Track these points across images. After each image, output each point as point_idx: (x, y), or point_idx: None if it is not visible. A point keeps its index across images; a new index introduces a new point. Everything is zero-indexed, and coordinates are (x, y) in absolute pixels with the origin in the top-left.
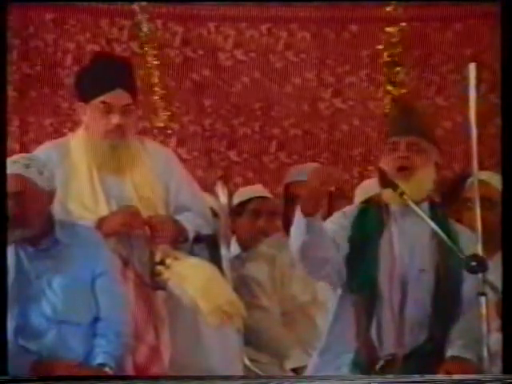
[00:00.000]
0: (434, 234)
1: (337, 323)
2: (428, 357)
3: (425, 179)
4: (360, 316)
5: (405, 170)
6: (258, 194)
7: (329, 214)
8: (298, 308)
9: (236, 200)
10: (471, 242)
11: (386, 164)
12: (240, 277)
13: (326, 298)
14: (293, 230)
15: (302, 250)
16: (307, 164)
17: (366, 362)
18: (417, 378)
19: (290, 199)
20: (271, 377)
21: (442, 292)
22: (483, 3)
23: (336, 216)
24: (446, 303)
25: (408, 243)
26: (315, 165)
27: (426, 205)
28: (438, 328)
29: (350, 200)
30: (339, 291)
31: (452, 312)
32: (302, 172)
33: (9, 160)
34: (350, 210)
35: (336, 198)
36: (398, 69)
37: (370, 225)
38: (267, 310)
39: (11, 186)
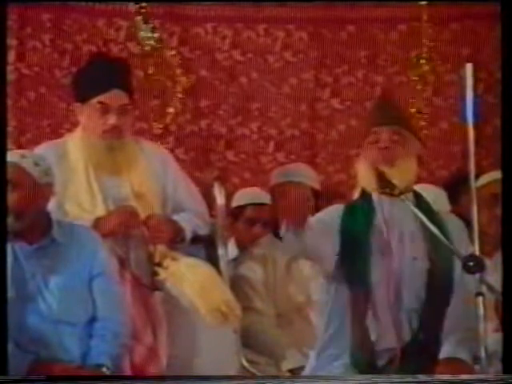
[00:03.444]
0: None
1: (332, 321)
2: (425, 352)
3: (407, 170)
4: (355, 311)
5: (387, 160)
6: (255, 201)
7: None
8: (293, 309)
9: (234, 203)
10: (460, 229)
11: (368, 157)
12: (234, 278)
13: (321, 297)
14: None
15: None
16: (292, 164)
17: (363, 358)
18: (421, 377)
19: (278, 200)
20: (271, 377)
21: (435, 280)
22: (481, 3)
23: (325, 212)
24: (439, 292)
25: (397, 233)
26: (298, 164)
27: (410, 196)
28: (432, 318)
29: (346, 201)
30: (333, 288)
31: (446, 302)
32: (288, 172)
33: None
34: (336, 208)
35: (332, 199)
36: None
37: (359, 219)
38: (262, 311)
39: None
